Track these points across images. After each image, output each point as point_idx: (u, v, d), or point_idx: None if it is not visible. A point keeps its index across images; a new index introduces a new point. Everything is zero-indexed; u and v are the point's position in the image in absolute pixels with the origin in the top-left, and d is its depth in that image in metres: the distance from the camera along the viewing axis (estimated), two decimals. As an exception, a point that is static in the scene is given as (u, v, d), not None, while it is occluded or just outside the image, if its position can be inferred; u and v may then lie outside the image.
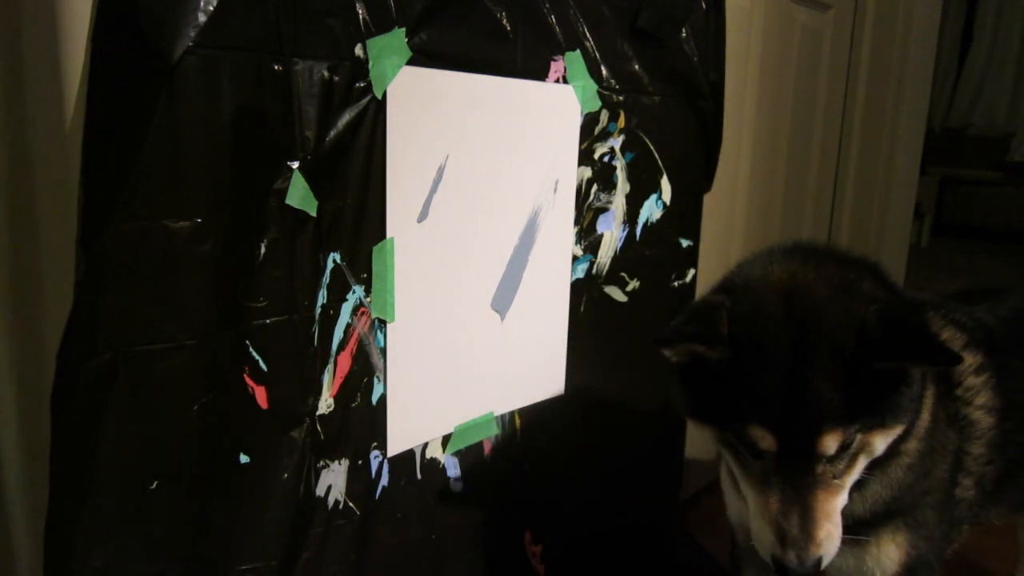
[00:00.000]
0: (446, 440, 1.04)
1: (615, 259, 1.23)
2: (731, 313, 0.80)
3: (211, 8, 0.67)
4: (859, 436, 0.78)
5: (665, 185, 1.28)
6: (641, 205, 1.25)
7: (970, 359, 0.96)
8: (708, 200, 1.41)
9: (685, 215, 1.33)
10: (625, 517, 1.37)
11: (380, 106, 0.85)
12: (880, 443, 0.80)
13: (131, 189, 0.67)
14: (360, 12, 0.81)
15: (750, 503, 0.83)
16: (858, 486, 0.85)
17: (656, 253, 1.29)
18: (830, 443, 0.76)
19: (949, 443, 0.92)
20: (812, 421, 0.76)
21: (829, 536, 0.78)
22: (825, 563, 0.78)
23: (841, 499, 0.79)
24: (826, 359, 0.76)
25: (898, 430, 0.81)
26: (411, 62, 0.86)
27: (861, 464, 0.80)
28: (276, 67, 0.74)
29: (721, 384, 0.80)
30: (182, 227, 0.70)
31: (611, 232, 1.22)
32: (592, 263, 1.20)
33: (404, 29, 0.85)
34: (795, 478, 0.78)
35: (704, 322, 0.81)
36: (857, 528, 0.88)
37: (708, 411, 0.84)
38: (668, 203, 1.30)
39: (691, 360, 0.83)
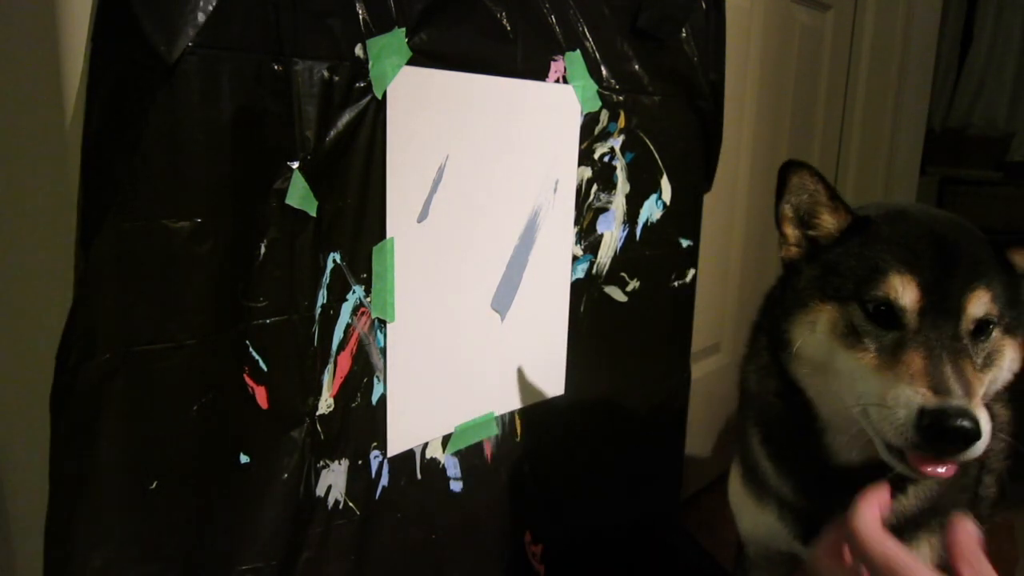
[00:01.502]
0: (446, 440, 1.04)
1: (615, 259, 1.23)
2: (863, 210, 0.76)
3: (211, 8, 0.67)
4: (996, 332, 0.70)
5: (665, 185, 1.28)
6: (641, 205, 1.25)
7: None
8: (708, 200, 1.42)
9: (685, 215, 1.33)
10: (625, 517, 1.37)
11: (380, 106, 0.85)
12: (1009, 359, 0.72)
13: (131, 189, 0.67)
14: (360, 12, 0.81)
15: (873, 388, 0.68)
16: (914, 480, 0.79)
17: (656, 253, 1.29)
18: (980, 303, 0.68)
19: None
20: (964, 275, 0.68)
21: (981, 408, 0.63)
22: (984, 438, 0.62)
23: (982, 391, 0.67)
24: (972, 236, 0.72)
25: (1021, 358, 0.73)
26: (411, 62, 0.86)
27: (992, 376, 0.70)
28: (276, 67, 0.74)
29: (848, 261, 0.73)
30: (182, 227, 0.70)
31: (611, 232, 1.22)
32: (592, 263, 1.20)
33: (404, 29, 0.85)
34: (941, 341, 0.66)
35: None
36: (904, 529, 0.84)
37: (823, 288, 0.74)
38: (668, 203, 1.30)
39: (808, 251, 0.78)
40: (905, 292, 0.68)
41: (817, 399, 0.77)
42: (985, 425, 0.62)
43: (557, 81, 1.06)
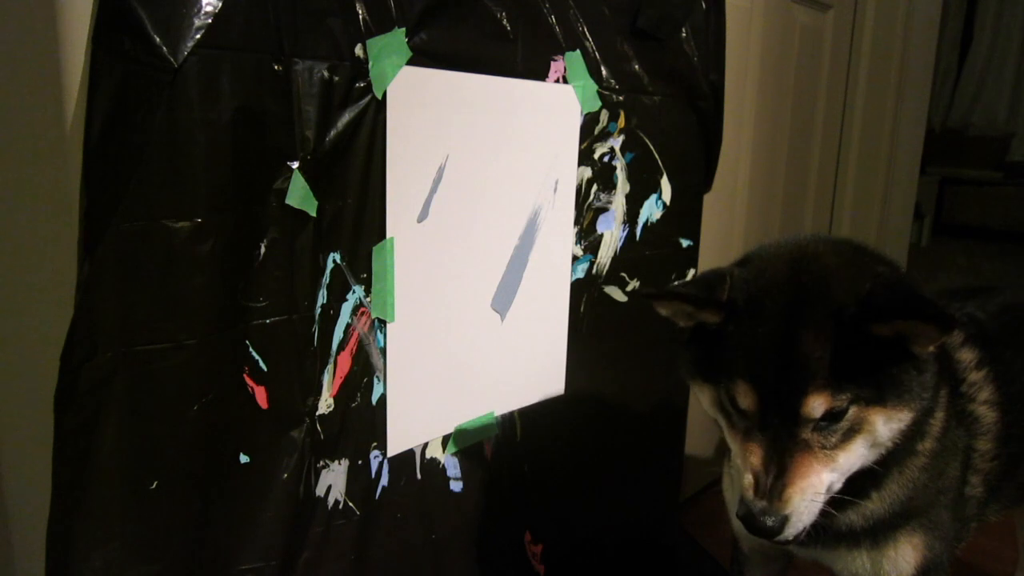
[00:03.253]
0: (446, 440, 1.04)
1: (615, 259, 1.23)
2: (736, 279, 0.81)
3: (215, 10, 0.67)
4: (854, 409, 0.76)
5: (665, 185, 1.28)
6: (641, 205, 1.25)
7: (970, 355, 0.96)
8: (708, 200, 1.42)
9: (685, 215, 1.33)
10: (625, 517, 1.37)
11: (380, 106, 0.85)
12: (882, 426, 0.77)
13: (131, 190, 0.67)
14: (360, 12, 0.81)
15: (733, 459, 0.82)
16: (876, 485, 0.84)
17: (656, 253, 1.29)
18: (815, 405, 0.74)
19: (959, 441, 0.92)
20: (798, 380, 0.75)
21: (803, 498, 0.75)
22: (792, 530, 0.75)
23: (828, 474, 0.76)
24: (822, 320, 0.75)
25: (903, 415, 0.77)
26: (411, 62, 0.86)
27: (860, 446, 0.77)
28: (276, 67, 0.74)
29: (721, 346, 0.80)
30: (182, 227, 0.70)
31: (611, 232, 1.22)
32: (592, 263, 1.20)
33: (404, 29, 0.85)
34: (778, 438, 0.76)
35: (703, 286, 0.82)
36: (876, 530, 0.87)
37: (707, 372, 0.84)
38: (668, 203, 1.30)
39: (696, 325, 0.84)
40: (747, 399, 0.78)
41: (734, 476, 0.87)
42: (794, 515, 0.75)
43: (557, 81, 1.06)
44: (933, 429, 0.86)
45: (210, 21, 0.67)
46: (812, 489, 0.76)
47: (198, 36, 0.67)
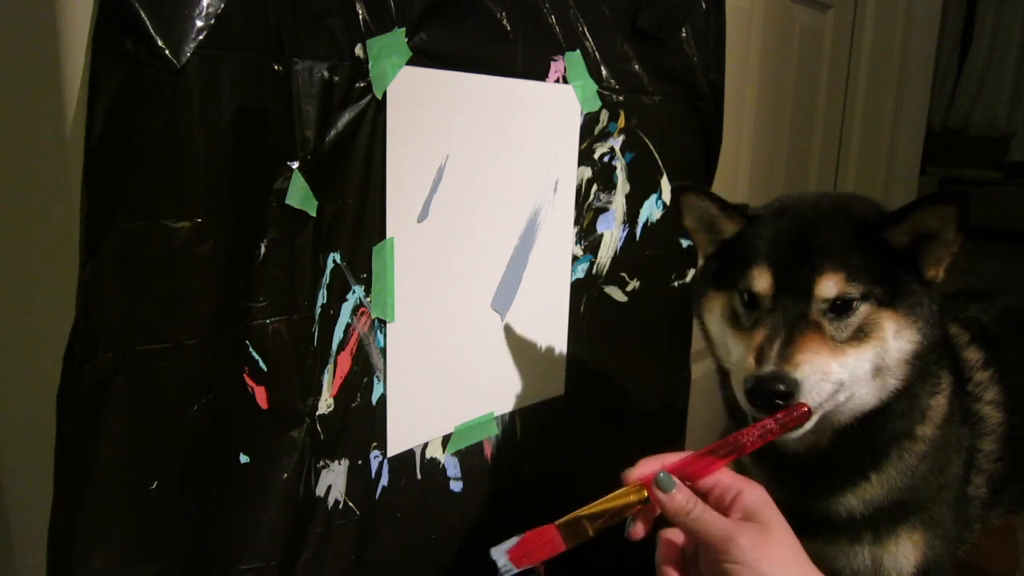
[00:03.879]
0: (446, 440, 1.04)
1: (615, 259, 1.23)
2: (759, 208, 0.87)
3: (214, 10, 0.67)
4: (866, 307, 0.76)
5: (665, 185, 1.28)
6: (641, 205, 1.25)
7: (976, 354, 0.96)
8: (708, 200, 1.41)
9: (685, 215, 1.34)
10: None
11: (380, 106, 0.85)
12: (892, 337, 0.77)
13: (131, 190, 0.67)
14: (360, 12, 0.81)
15: (735, 357, 0.80)
16: (875, 467, 0.85)
17: (656, 253, 1.30)
18: (828, 283, 0.75)
19: (963, 439, 0.92)
20: (814, 262, 0.77)
21: (812, 365, 0.72)
22: (804, 395, 0.71)
23: (837, 365, 0.74)
24: (841, 223, 0.79)
25: (912, 333, 0.77)
26: (411, 62, 0.86)
27: (869, 352, 0.76)
28: (276, 67, 0.74)
29: (740, 249, 0.83)
30: (182, 227, 0.70)
31: (611, 232, 1.22)
32: (592, 263, 1.20)
33: (404, 29, 0.85)
34: (788, 318, 0.76)
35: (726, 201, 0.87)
36: (877, 521, 0.87)
37: (721, 281, 0.85)
38: (668, 203, 1.30)
39: (716, 251, 0.89)
40: (760, 280, 0.78)
41: (733, 382, 0.83)
42: (807, 381, 0.71)
43: (557, 81, 1.06)
44: (933, 414, 0.86)
45: (212, 22, 0.67)
46: (822, 366, 0.73)
47: (201, 37, 0.67)
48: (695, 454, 0.68)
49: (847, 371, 0.75)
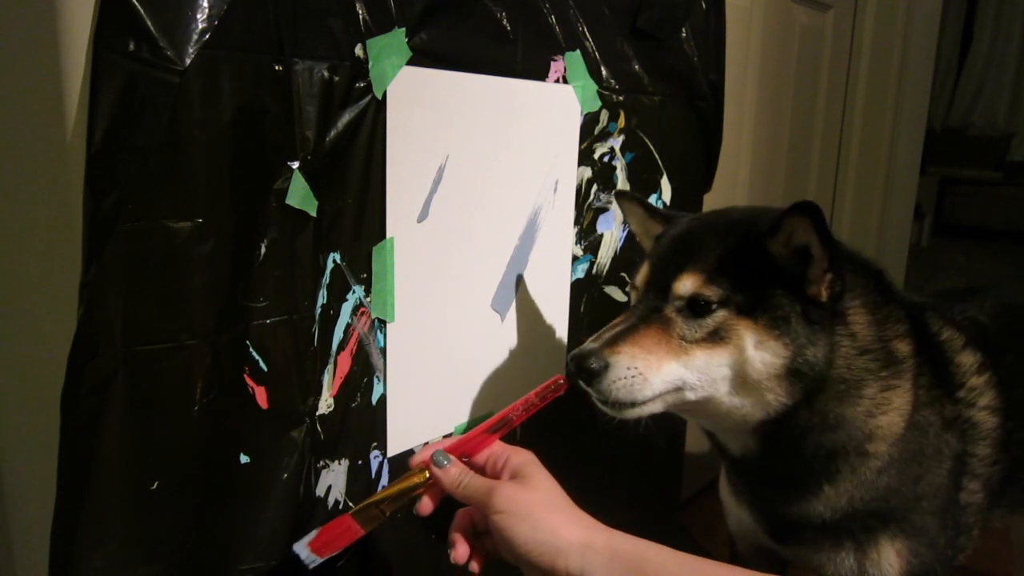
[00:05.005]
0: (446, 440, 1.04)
1: (615, 259, 1.23)
2: (682, 214, 0.95)
3: (216, 11, 0.67)
4: (724, 312, 0.78)
5: (665, 185, 1.28)
6: (641, 205, 1.25)
7: (971, 358, 0.95)
8: (708, 200, 1.42)
9: (685, 215, 1.34)
10: (625, 517, 1.37)
11: (380, 106, 0.85)
12: (752, 348, 0.77)
13: (132, 190, 0.67)
14: (360, 12, 0.81)
15: None
16: (828, 480, 0.85)
17: (656, 253, 1.29)
18: (685, 282, 0.79)
19: (946, 447, 0.90)
20: (681, 262, 0.81)
21: (632, 360, 0.77)
22: (608, 385, 0.78)
23: (674, 363, 0.78)
24: (727, 231, 0.83)
25: (776, 347, 0.77)
26: (411, 62, 0.86)
27: (723, 358, 0.78)
28: (276, 67, 0.74)
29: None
30: (182, 227, 0.70)
31: (611, 232, 1.22)
32: (592, 263, 1.20)
33: (404, 29, 0.85)
34: (646, 311, 0.81)
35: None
36: (853, 526, 0.87)
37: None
38: (668, 203, 1.30)
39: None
40: (639, 276, 0.86)
41: None
42: (616, 367, 0.77)
43: (557, 81, 1.06)
44: (884, 433, 0.85)
45: (216, 23, 0.67)
46: (646, 360, 0.78)
47: (206, 38, 0.67)
48: (470, 433, 0.79)
49: (693, 372, 0.79)
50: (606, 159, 1.17)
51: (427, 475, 0.77)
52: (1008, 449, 0.95)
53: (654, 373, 0.78)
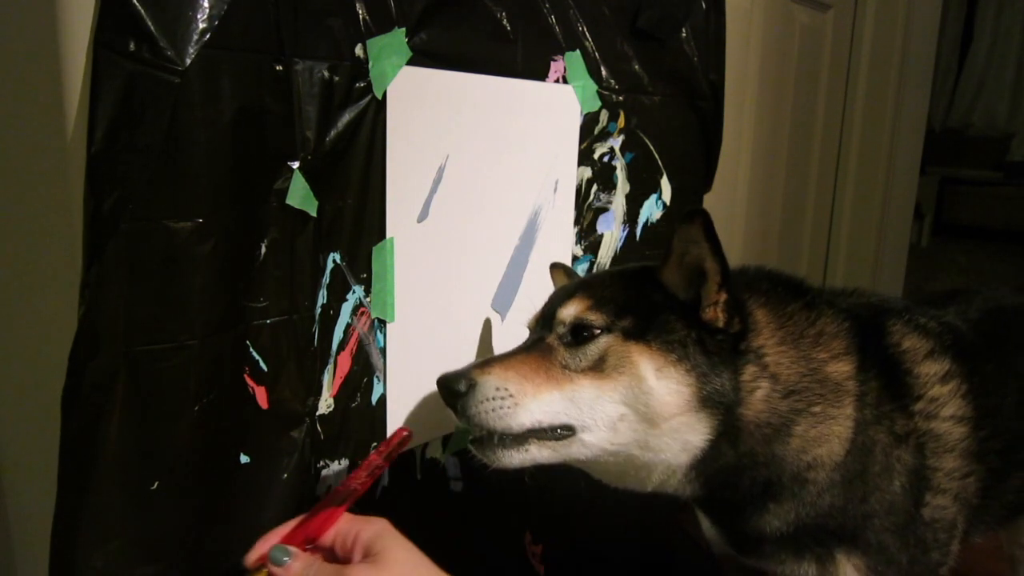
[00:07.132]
0: (446, 440, 1.04)
1: (615, 259, 1.23)
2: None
3: (217, 11, 0.67)
4: (610, 338, 0.75)
5: (665, 185, 1.28)
6: (641, 205, 1.25)
7: (935, 367, 0.89)
8: (708, 200, 1.42)
9: (685, 215, 1.33)
10: (625, 517, 1.37)
11: (380, 106, 0.85)
12: (653, 377, 0.73)
13: (133, 190, 0.67)
14: (360, 12, 0.81)
15: None
16: (773, 498, 0.82)
17: (656, 253, 1.29)
18: (567, 310, 0.78)
19: (898, 464, 0.85)
20: (570, 293, 0.81)
21: (501, 384, 0.74)
22: (471, 409, 0.74)
23: (555, 393, 0.74)
24: (623, 268, 0.84)
25: (677, 372, 0.73)
26: (411, 62, 0.86)
27: (618, 389, 0.73)
28: (277, 67, 0.74)
29: None
30: (183, 227, 0.70)
31: (611, 232, 1.22)
32: (592, 263, 1.20)
33: (404, 29, 0.85)
34: (527, 345, 0.81)
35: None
36: (809, 540, 0.85)
37: None
38: (668, 203, 1.30)
39: None
40: (531, 318, 0.87)
41: None
42: (483, 387, 0.74)
43: (557, 81, 1.06)
44: (823, 461, 0.81)
45: (216, 23, 0.67)
46: (520, 385, 0.74)
47: (206, 38, 0.67)
48: (307, 514, 0.68)
49: (582, 406, 0.74)
50: (606, 159, 1.17)
51: (266, 574, 0.66)
52: (983, 460, 0.89)
53: (529, 399, 0.73)
